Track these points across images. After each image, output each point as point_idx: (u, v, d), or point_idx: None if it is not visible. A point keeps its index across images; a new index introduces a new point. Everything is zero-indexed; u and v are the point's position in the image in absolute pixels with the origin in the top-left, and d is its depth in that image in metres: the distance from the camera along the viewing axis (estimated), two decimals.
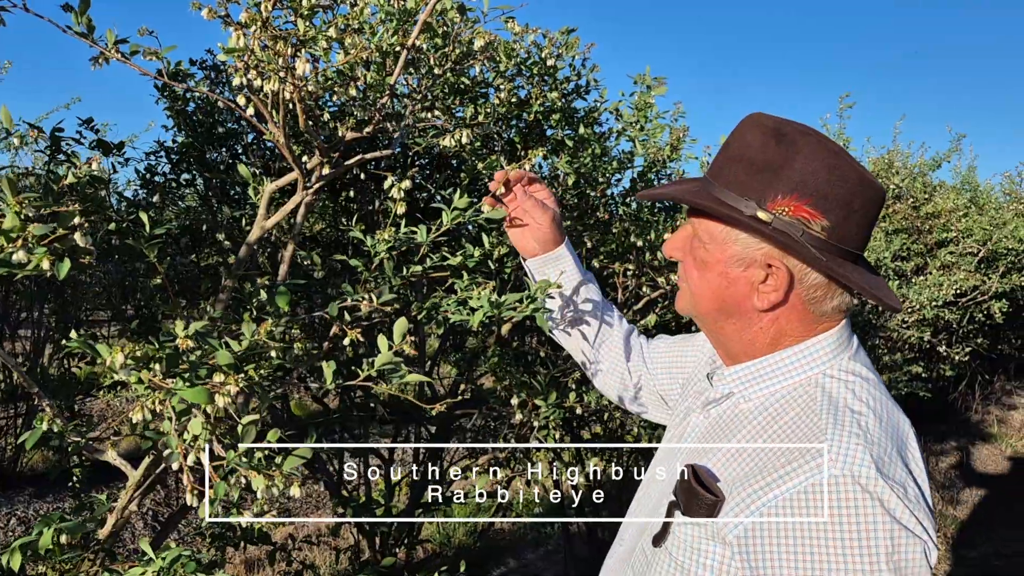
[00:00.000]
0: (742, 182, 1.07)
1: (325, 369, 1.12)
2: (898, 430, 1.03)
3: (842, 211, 1.05)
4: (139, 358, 0.95)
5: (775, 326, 1.11)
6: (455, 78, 2.25)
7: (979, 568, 4.82)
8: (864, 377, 1.08)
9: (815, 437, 0.98)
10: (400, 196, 1.53)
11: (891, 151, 6.78)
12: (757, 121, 1.10)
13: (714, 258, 1.11)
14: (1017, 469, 7.01)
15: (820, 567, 0.92)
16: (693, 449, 1.17)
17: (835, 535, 0.92)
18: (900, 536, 0.91)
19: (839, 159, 1.05)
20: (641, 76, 2.64)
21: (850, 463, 0.93)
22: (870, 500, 0.91)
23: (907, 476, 0.96)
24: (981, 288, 5.99)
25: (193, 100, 2.61)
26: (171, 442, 0.97)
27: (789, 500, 0.94)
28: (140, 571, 1.17)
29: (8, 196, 0.83)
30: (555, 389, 2.16)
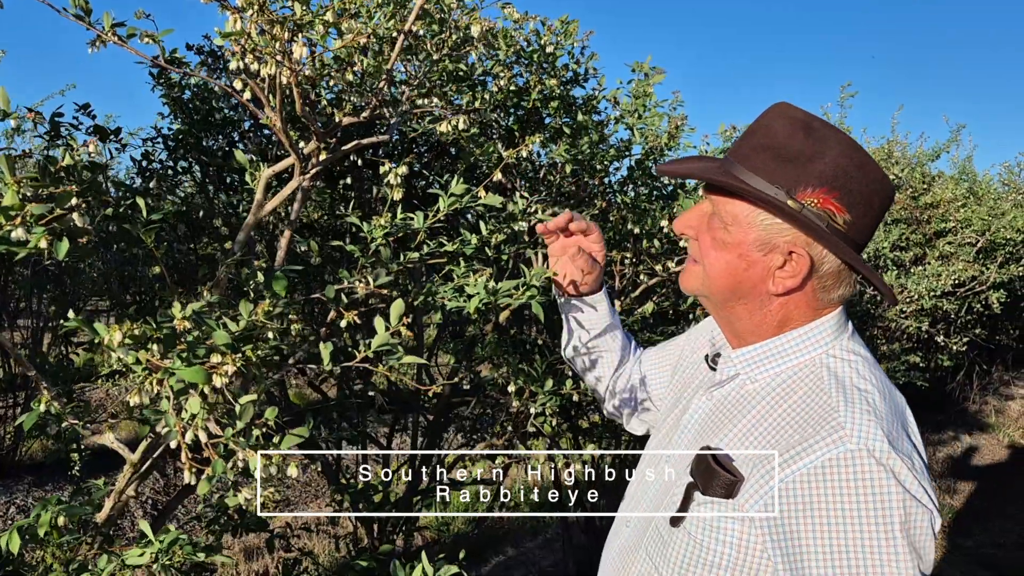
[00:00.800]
0: (771, 169, 1.09)
1: (323, 350, 1.13)
2: (897, 405, 1.09)
3: (864, 207, 1.10)
4: (137, 338, 0.95)
5: (783, 310, 1.14)
6: (452, 65, 2.25)
7: (974, 557, 4.84)
8: (864, 357, 1.13)
9: (827, 415, 1.03)
10: (397, 182, 1.53)
11: (890, 141, 6.78)
12: (785, 112, 1.13)
13: (735, 240, 1.13)
14: (1014, 459, 7.03)
15: (840, 537, 0.97)
16: (701, 431, 1.20)
17: (852, 506, 0.97)
18: (911, 506, 0.97)
19: (866, 157, 1.10)
20: (639, 64, 2.63)
21: (865, 438, 0.98)
22: (884, 472, 0.97)
23: (912, 448, 1.03)
24: (979, 278, 6.00)
25: (189, 87, 2.60)
26: (169, 420, 0.97)
27: (808, 474, 0.99)
28: (139, 552, 1.17)
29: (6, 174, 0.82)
30: (552, 376, 2.16)
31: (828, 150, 1.08)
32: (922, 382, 5.26)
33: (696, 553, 1.10)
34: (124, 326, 0.95)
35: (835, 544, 0.98)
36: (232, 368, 0.95)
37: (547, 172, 2.68)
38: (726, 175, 1.12)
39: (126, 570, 1.35)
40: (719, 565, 1.08)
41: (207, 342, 1.00)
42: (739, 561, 1.07)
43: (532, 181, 2.72)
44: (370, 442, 3.09)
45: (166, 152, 2.63)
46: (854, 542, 0.97)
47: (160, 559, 1.27)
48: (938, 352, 6.36)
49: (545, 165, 2.68)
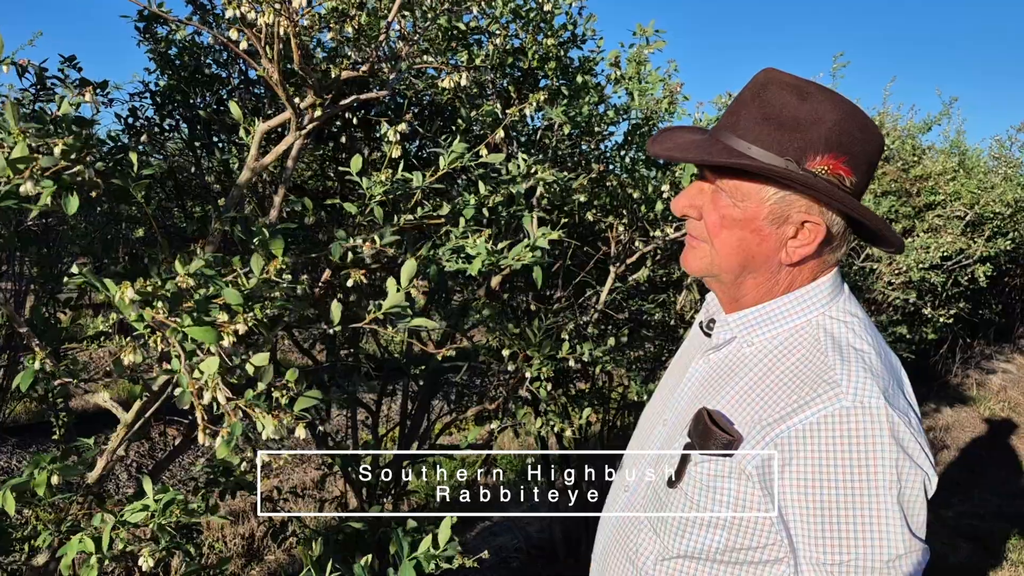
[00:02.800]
0: (775, 140, 1.06)
1: (333, 310, 1.10)
2: (893, 366, 1.10)
3: (866, 167, 1.10)
4: (147, 294, 0.92)
5: (790, 277, 1.14)
6: (448, 23, 2.20)
7: (955, 528, 4.91)
8: (861, 318, 1.13)
9: (823, 373, 1.03)
10: (396, 139, 1.49)
11: (882, 112, 6.75)
12: (774, 78, 1.10)
13: (748, 215, 1.10)
14: (994, 432, 7.12)
15: (829, 493, 0.98)
16: (697, 394, 1.19)
17: (845, 461, 0.97)
18: (904, 465, 0.97)
19: (866, 118, 1.09)
20: (642, 27, 2.59)
21: (861, 394, 0.98)
22: (879, 428, 0.97)
23: (908, 407, 1.04)
24: (967, 251, 6.02)
25: (175, 43, 2.53)
26: (182, 380, 0.94)
27: (804, 430, 1.00)
28: (140, 507, 1.15)
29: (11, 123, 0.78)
30: (548, 341, 2.15)
31: (828, 113, 1.06)
32: (908, 354, 5.29)
33: (694, 514, 1.11)
34: (137, 282, 0.92)
35: (823, 500, 0.98)
36: (244, 327, 0.92)
37: (543, 134, 2.64)
38: (732, 154, 1.09)
39: (120, 529, 1.33)
40: (716, 525, 1.09)
41: (217, 300, 0.97)
42: (737, 520, 1.07)
43: (527, 144, 2.69)
44: (360, 407, 3.07)
45: (154, 107, 2.56)
46: (842, 498, 0.98)
47: (157, 518, 1.25)
48: (922, 325, 6.39)
49: (541, 127, 2.64)
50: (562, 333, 2.27)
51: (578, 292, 3.05)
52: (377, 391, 3.26)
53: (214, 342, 0.96)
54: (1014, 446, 6.78)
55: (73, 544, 1.35)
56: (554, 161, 2.57)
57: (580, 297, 3.01)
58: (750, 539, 1.07)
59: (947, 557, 4.51)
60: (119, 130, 2.55)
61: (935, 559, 4.73)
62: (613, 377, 3.65)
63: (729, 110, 1.14)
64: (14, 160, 0.80)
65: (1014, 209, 6.96)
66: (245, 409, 0.99)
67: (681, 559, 1.13)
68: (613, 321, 3.12)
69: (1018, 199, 6.94)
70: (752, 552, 1.08)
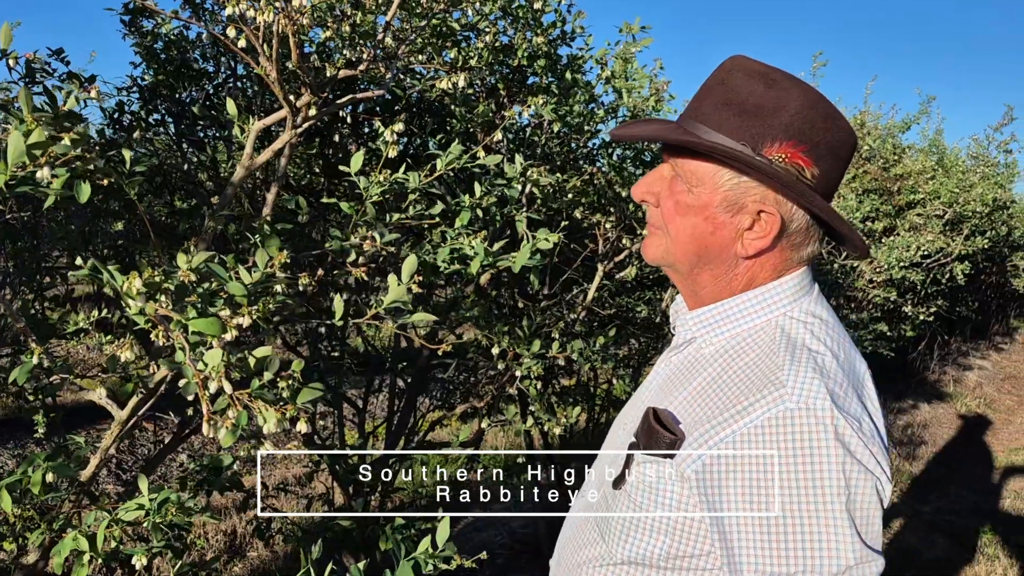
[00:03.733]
0: (735, 126, 1.03)
1: (336, 305, 1.10)
2: (855, 370, 1.04)
3: (832, 159, 1.04)
4: (154, 286, 0.92)
5: (750, 272, 1.09)
6: (440, 21, 2.20)
7: (932, 523, 4.98)
8: (824, 319, 1.08)
9: (772, 374, 0.98)
10: (393, 139, 1.49)
11: (863, 111, 6.82)
12: (741, 65, 1.06)
13: (701, 202, 1.06)
14: (970, 428, 7.23)
15: (771, 501, 0.93)
16: (655, 394, 1.15)
17: (789, 466, 0.92)
18: (852, 470, 0.91)
19: (832, 107, 1.04)
20: (628, 24, 2.60)
21: (806, 396, 0.93)
22: (823, 431, 0.91)
23: (863, 412, 0.97)
24: (945, 250, 6.10)
25: (161, 36, 2.51)
26: (187, 372, 0.94)
27: (746, 434, 0.94)
28: (134, 506, 1.15)
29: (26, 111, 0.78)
30: (538, 339, 2.15)
31: (791, 101, 1.02)
32: (888, 351, 5.35)
33: (636, 516, 1.06)
34: (146, 273, 0.92)
35: (767, 511, 0.93)
36: (247, 320, 0.93)
37: (532, 132, 2.65)
38: (686, 134, 1.05)
39: (114, 527, 1.32)
40: (658, 529, 1.04)
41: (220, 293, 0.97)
42: (678, 525, 1.02)
43: (516, 142, 2.69)
44: (347, 404, 3.07)
45: (140, 102, 2.54)
46: (787, 506, 0.92)
47: (152, 516, 1.25)
48: (901, 322, 6.47)
49: (530, 125, 2.65)
50: (552, 332, 2.28)
51: (565, 289, 3.06)
52: (362, 387, 3.26)
53: (219, 334, 0.96)
54: (989, 443, 6.89)
55: (67, 542, 1.34)
56: (543, 159, 2.58)
57: (567, 294, 3.02)
58: (692, 546, 1.02)
59: (924, 552, 4.58)
60: (103, 123, 2.53)
61: (914, 553, 4.80)
62: (598, 373, 3.67)
63: (695, 97, 1.10)
64: (32, 145, 0.80)
65: (991, 208, 7.07)
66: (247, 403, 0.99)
67: (624, 565, 1.09)
68: (599, 318, 3.14)
69: (996, 198, 7.04)
70: (694, 560, 1.03)
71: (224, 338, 0.93)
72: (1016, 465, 6.24)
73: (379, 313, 1.11)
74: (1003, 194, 7.47)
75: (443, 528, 1.33)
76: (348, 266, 1.31)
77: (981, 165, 7.36)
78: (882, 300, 5.25)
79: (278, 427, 0.91)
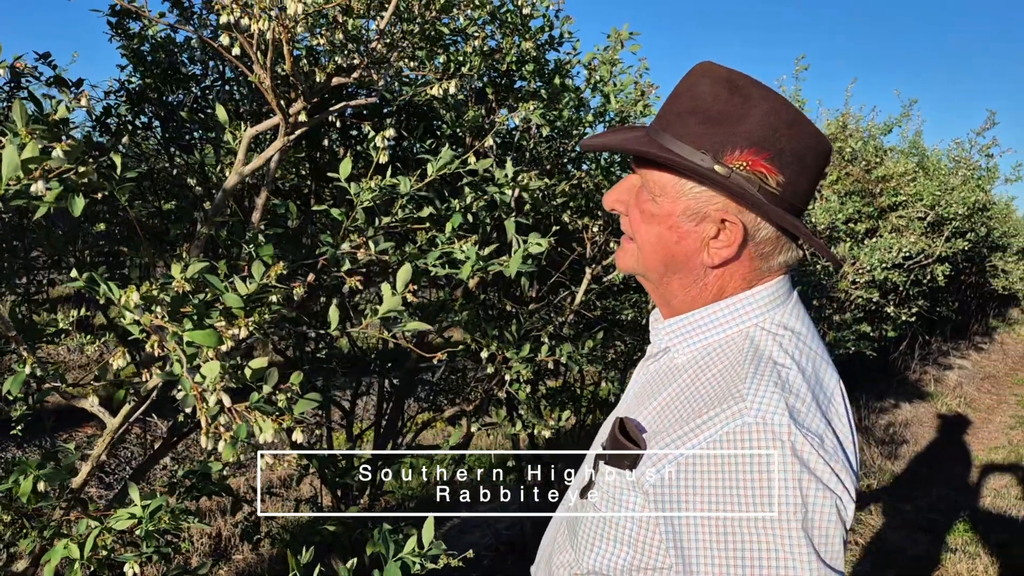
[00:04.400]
0: (697, 134, 1.02)
1: (331, 314, 1.10)
2: (822, 385, 1.01)
3: (798, 166, 1.02)
4: (152, 299, 0.92)
5: (719, 282, 1.08)
6: (430, 27, 2.20)
7: (914, 521, 5.03)
8: (795, 331, 1.06)
9: (733, 387, 0.96)
10: (384, 145, 1.49)
11: (844, 113, 6.88)
12: (708, 71, 1.05)
13: (664, 211, 1.06)
14: (951, 427, 7.31)
15: (727, 521, 0.91)
16: (630, 404, 1.16)
17: (745, 483, 0.90)
18: (809, 487, 0.89)
19: (797, 113, 1.03)
20: (617, 31, 2.62)
21: (764, 410, 0.92)
22: (782, 448, 0.89)
23: (826, 428, 0.94)
24: (927, 251, 6.17)
25: (148, 39, 2.50)
26: (185, 385, 0.94)
27: (704, 450, 0.93)
28: (127, 515, 1.15)
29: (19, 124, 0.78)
30: (527, 342, 2.17)
31: (755, 108, 1.00)
32: (871, 352, 5.40)
33: (601, 527, 1.06)
34: (143, 286, 0.92)
35: (726, 526, 0.91)
36: (245, 331, 0.93)
37: (521, 136, 2.66)
38: (649, 144, 1.05)
39: (106, 535, 1.32)
40: (621, 540, 1.04)
41: (216, 304, 0.97)
42: (640, 537, 1.02)
43: (504, 146, 2.70)
44: (334, 406, 3.07)
45: (127, 107, 2.52)
46: (744, 524, 0.90)
47: (144, 524, 1.24)
48: (883, 323, 6.54)
49: (519, 130, 2.66)
50: (541, 335, 2.29)
51: (552, 292, 3.08)
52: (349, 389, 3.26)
53: (215, 345, 0.96)
54: (969, 441, 6.97)
55: (58, 550, 1.34)
56: (532, 163, 2.59)
57: (555, 297, 3.04)
58: (653, 559, 1.02)
59: (907, 550, 4.63)
60: (91, 127, 2.52)
61: (896, 551, 4.85)
62: (585, 375, 3.68)
63: (663, 104, 1.09)
64: (26, 160, 0.80)
65: (972, 210, 7.15)
66: (244, 413, 0.99)
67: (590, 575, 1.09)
68: (586, 321, 3.15)
69: (976, 201, 7.12)
70: (656, 572, 1.02)
71: (221, 349, 0.93)
72: (995, 463, 6.32)
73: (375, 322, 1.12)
74: (983, 196, 7.56)
75: (428, 528, 1.34)
76: (342, 274, 1.31)
77: (962, 168, 7.44)
78: (864, 301, 5.30)
79: (274, 438, 0.91)
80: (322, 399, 2.77)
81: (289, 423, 0.93)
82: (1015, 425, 7.55)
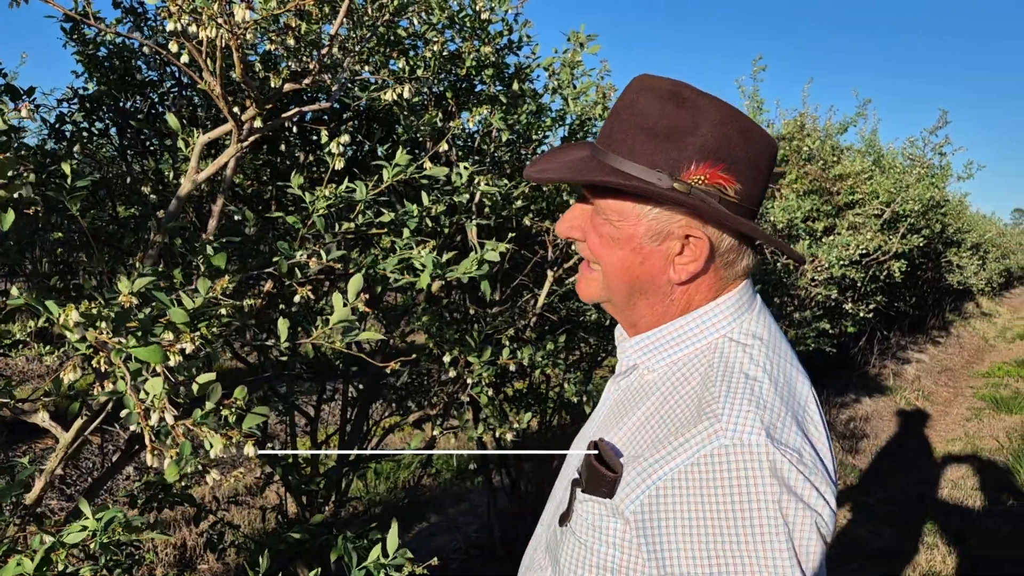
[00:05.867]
0: (648, 152, 1.00)
1: (280, 326, 1.10)
2: (795, 394, 1.01)
3: (751, 172, 1.02)
4: (91, 316, 0.90)
5: (685, 296, 1.07)
6: (386, 30, 2.20)
7: (877, 514, 5.13)
8: (763, 340, 1.05)
9: (707, 406, 0.95)
10: (340, 150, 1.49)
11: (802, 113, 6.99)
12: (649, 85, 1.04)
13: (626, 234, 1.04)
14: (910, 420, 7.45)
15: (711, 544, 0.90)
16: (602, 423, 1.14)
17: (726, 505, 0.89)
18: (789, 507, 0.89)
19: (747, 120, 1.03)
20: (575, 33, 2.63)
21: (740, 431, 0.91)
22: (759, 468, 0.89)
23: (803, 441, 0.94)
24: (883, 248, 6.28)
25: (105, 44, 2.46)
26: (128, 403, 0.93)
27: (682, 474, 0.92)
28: (79, 528, 1.13)
29: None
30: (489, 346, 2.17)
31: (704, 119, 0.99)
32: (830, 348, 5.49)
33: (583, 554, 1.04)
34: (82, 305, 0.90)
35: (707, 551, 0.90)
36: (190, 347, 0.92)
37: (481, 140, 2.67)
38: (602, 171, 1.02)
39: (60, 550, 1.30)
40: (605, 567, 1.02)
41: (162, 319, 0.96)
42: (624, 563, 1.00)
43: (465, 150, 2.71)
44: (298, 412, 3.04)
45: (83, 113, 2.48)
46: (725, 548, 0.89)
47: (98, 537, 1.23)
48: (843, 319, 6.65)
49: (479, 133, 2.67)
50: (502, 339, 2.30)
51: (515, 294, 3.09)
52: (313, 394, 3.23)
53: (160, 362, 0.95)
54: (928, 434, 7.11)
55: (10, 567, 1.32)
56: (492, 167, 2.60)
57: (519, 299, 3.05)
58: None
59: (870, 542, 4.71)
60: (44, 136, 2.47)
61: (860, 544, 4.93)
62: (550, 377, 3.70)
63: (605, 124, 1.07)
64: None
65: (927, 207, 7.29)
66: (191, 428, 0.98)
67: None
68: (550, 323, 3.17)
69: (931, 197, 7.27)
70: None
71: (169, 364, 0.92)
72: (953, 454, 6.46)
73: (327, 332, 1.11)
74: (937, 194, 7.73)
75: (392, 536, 1.33)
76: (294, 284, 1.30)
77: (917, 166, 7.60)
78: (824, 298, 5.39)
79: (224, 452, 0.90)
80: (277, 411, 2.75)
81: (238, 438, 0.92)
82: (971, 417, 7.72)
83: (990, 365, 10.76)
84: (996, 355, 11.88)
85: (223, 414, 0.96)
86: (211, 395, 0.94)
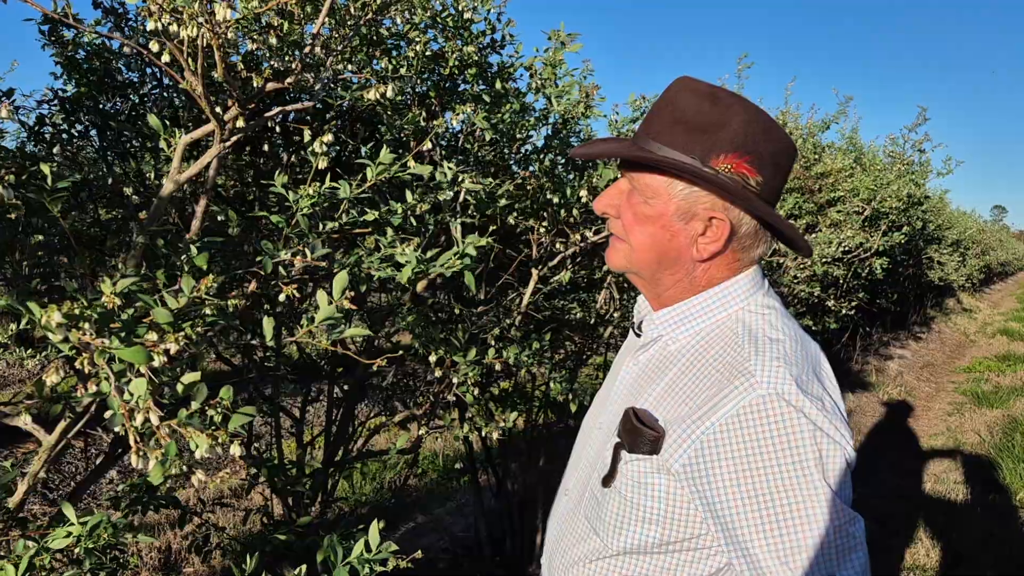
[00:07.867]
0: (684, 141, 1.13)
1: (265, 325, 1.09)
2: (808, 353, 1.14)
3: (773, 167, 1.15)
4: (73, 317, 0.90)
5: (707, 274, 1.20)
6: (368, 29, 2.20)
7: (861, 507, 5.15)
8: (777, 309, 1.19)
9: (740, 364, 1.08)
10: (323, 150, 1.49)
11: (784, 111, 7.02)
12: (689, 86, 1.17)
13: (657, 212, 1.16)
14: (893, 415, 7.51)
15: (759, 482, 1.02)
16: (627, 393, 1.25)
17: (768, 449, 1.02)
18: (823, 442, 1.02)
19: (771, 121, 1.15)
20: (556, 32, 2.64)
21: (774, 383, 1.04)
22: (794, 412, 1.02)
23: (822, 391, 1.08)
24: (865, 245, 6.33)
25: (83, 45, 2.44)
26: (113, 404, 0.92)
27: (725, 425, 1.04)
28: (64, 533, 1.12)
29: None
30: (474, 345, 2.17)
31: (735, 117, 1.12)
32: None
33: (628, 510, 1.15)
34: (64, 305, 0.90)
35: (756, 489, 1.02)
36: (175, 347, 0.92)
37: (464, 139, 2.66)
38: (641, 151, 1.16)
39: (44, 555, 1.29)
40: (650, 520, 1.13)
41: (145, 319, 0.96)
42: (669, 514, 1.12)
43: (449, 149, 2.71)
44: (283, 414, 3.03)
45: (63, 115, 2.46)
46: (772, 484, 1.02)
47: (83, 542, 1.22)
48: (825, 315, 6.70)
49: (463, 133, 2.67)
50: (488, 338, 2.30)
51: (501, 293, 3.09)
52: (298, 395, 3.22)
53: (144, 363, 0.95)
54: (911, 429, 7.17)
55: None
56: (476, 166, 2.60)
57: (503, 298, 3.05)
58: (682, 531, 1.12)
59: None
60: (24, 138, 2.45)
61: None
62: (536, 376, 3.70)
63: (646, 118, 1.21)
64: None
65: (907, 204, 7.35)
66: (176, 429, 0.98)
67: (620, 556, 1.18)
68: (535, 321, 3.17)
69: (911, 194, 7.33)
70: (686, 543, 1.13)
71: (152, 365, 0.92)
72: (935, 449, 6.51)
73: (311, 331, 1.11)
74: (917, 190, 7.79)
75: (374, 531, 1.34)
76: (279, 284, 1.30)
77: (897, 163, 7.65)
78: (807, 295, 5.42)
79: (210, 453, 0.91)
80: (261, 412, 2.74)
81: (224, 438, 0.92)
82: (953, 411, 7.80)
83: (971, 360, 10.86)
84: (977, 350, 11.99)
85: (209, 414, 0.96)
86: (196, 395, 0.94)
